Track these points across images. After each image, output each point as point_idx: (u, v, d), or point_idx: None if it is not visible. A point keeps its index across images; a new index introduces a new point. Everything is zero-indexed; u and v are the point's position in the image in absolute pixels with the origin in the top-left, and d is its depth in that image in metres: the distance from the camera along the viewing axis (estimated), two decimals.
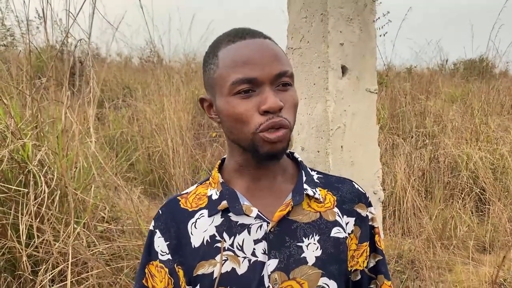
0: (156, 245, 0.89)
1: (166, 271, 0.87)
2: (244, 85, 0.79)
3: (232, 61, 0.80)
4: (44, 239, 2.35)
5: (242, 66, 0.79)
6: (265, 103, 0.78)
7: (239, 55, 0.80)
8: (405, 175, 4.32)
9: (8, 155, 2.38)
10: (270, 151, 0.80)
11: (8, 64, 3.18)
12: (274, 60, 0.80)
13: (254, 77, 0.78)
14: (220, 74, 0.82)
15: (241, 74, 0.79)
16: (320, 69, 1.38)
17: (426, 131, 5.26)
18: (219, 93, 0.83)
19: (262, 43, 0.82)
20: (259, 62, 0.79)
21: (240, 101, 0.80)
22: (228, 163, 0.92)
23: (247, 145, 0.82)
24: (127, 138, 5.13)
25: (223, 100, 0.82)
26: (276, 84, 0.80)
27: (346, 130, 1.41)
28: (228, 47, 0.82)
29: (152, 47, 7.63)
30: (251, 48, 0.81)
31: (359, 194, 0.95)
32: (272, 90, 0.79)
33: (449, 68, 9.75)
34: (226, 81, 0.80)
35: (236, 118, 0.80)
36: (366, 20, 1.44)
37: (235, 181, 0.89)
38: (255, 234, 0.84)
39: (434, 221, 3.94)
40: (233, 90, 0.80)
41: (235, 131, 0.82)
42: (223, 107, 0.82)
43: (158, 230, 0.89)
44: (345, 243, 0.89)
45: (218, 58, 0.83)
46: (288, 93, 0.82)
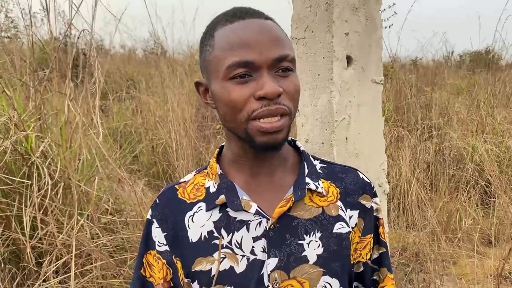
0: (154, 235, 0.87)
1: (164, 262, 0.86)
2: (240, 69, 0.73)
3: (228, 43, 0.75)
4: (48, 231, 2.36)
5: (239, 49, 0.73)
6: (262, 88, 0.72)
7: (236, 37, 0.74)
8: (410, 167, 4.30)
9: (12, 146, 2.38)
10: (267, 142, 0.75)
11: (12, 56, 3.17)
12: (274, 43, 0.75)
13: (251, 60, 0.73)
14: (216, 56, 0.76)
15: (237, 57, 0.73)
16: (324, 59, 1.36)
17: (432, 124, 5.23)
18: (214, 77, 0.78)
19: (262, 24, 0.76)
20: (257, 44, 0.73)
21: (235, 86, 0.74)
22: (226, 153, 0.88)
23: (241, 134, 0.77)
24: (131, 130, 5.13)
25: (218, 85, 0.77)
26: (275, 69, 0.75)
27: (351, 122, 1.39)
28: (225, 27, 0.77)
29: (156, 39, 7.62)
30: (249, 29, 0.75)
31: (363, 185, 0.90)
32: (270, 75, 0.74)
33: (455, 60, 9.68)
34: (222, 65, 0.75)
35: (231, 105, 0.75)
36: (372, 10, 1.41)
37: (233, 172, 0.86)
38: (254, 231, 0.81)
39: (439, 213, 3.92)
40: (228, 75, 0.74)
41: (229, 118, 0.77)
42: (218, 92, 0.77)
43: (155, 220, 0.87)
44: (348, 238, 0.86)
45: (214, 39, 0.78)
46: (288, 79, 0.76)
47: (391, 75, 6.13)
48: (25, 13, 3.26)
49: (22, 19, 3.73)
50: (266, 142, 0.75)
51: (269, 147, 0.77)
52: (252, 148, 0.79)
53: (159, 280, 0.86)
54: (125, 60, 8.07)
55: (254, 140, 0.76)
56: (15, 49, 3.53)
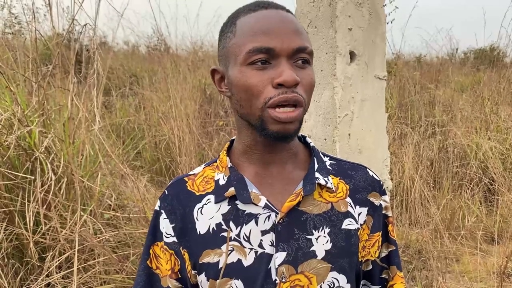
0: (161, 227, 0.87)
1: (172, 253, 0.86)
2: (261, 55, 0.74)
3: (251, 29, 0.76)
4: (51, 226, 2.36)
5: (261, 35, 0.74)
6: (280, 76, 0.73)
7: (259, 24, 0.76)
8: (413, 164, 4.29)
9: (15, 142, 2.38)
10: (280, 132, 0.75)
11: (15, 52, 3.18)
12: (294, 34, 0.76)
13: (272, 47, 0.74)
14: (236, 42, 0.77)
15: (259, 43, 0.74)
16: (327, 55, 1.35)
17: (435, 121, 5.21)
18: (233, 62, 0.78)
19: (284, 15, 0.78)
20: (279, 33, 0.74)
21: (254, 72, 0.75)
22: (237, 145, 0.87)
23: (255, 121, 0.77)
24: (134, 126, 5.13)
25: (237, 69, 0.77)
26: (294, 59, 0.76)
27: (354, 118, 1.38)
28: (248, 15, 0.78)
29: (159, 35, 7.61)
30: (272, 18, 0.76)
31: (373, 182, 0.90)
32: (289, 64, 0.74)
33: (459, 57, 9.64)
34: (242, 50, 0.76)
35: (248, 90, 0.75)
36: (376, 4, 1.40)
37: (243, 165, 0.85)
38: (263, 225, 0.81)
39: (442, 211, 3.91)
40: (248, 59, 0.75)
41: (245, 104, 0.78)
42: (236, 77, 0.77)
43: (163, 211, 0.87)
44: (357, 235, 0.86)
45: (236, 26, 0.79)
46: (305, 71, 0.77)
47: (394, 72, 6.11)
48: (29, 9, 3.26)
49: (25, 15, 3.74)
50: (278, 131, 0.76)
51: (281, 137, 0.77)
52: (263, 136, 0.79)
53: (166, 272, 0.86)
54: (128, 56, 8.07)
55: (267, 127, 0.76)
56: (18, 45, 3.53)
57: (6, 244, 2.33)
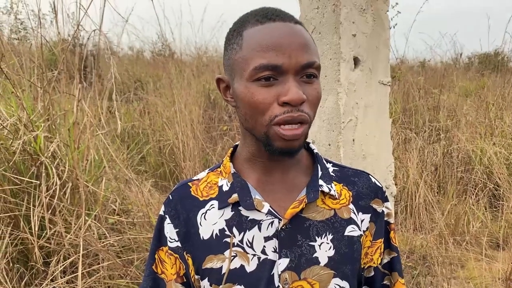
0: (166, 231, 0.87)
1: (176, 257, 0.86)
2: (267, 72, 0.73)
3: (258, 44, 0.74)
4: (55, 231, 2.37)
5: (268, 51, 0.73)
6: (286, 94, 0.72)
7: (266, 39, 0.74)
8: (417, 170, 4.28)
9: (21, 147, 2.40)
10: (284, 148, 0.76)
11: (21, 57, 3.20)
12: (302, 49, 0.74)
13: (279, 64, 0.72)
14: (243, 56, 0.76)
15: (266, 60, 0.73)
16: (331, 60, 1.35)
17: (440, 126, 5.19)
18: (238, 76, 0.77)
19: (292, 28, 0.76)
20: (287, 49, 0.73)
21: (260, 88, 0.74)
22: (241, 152, 0.88)
23: (260, 136, 0.78)
24: (139, 131, 5.15)
25: (242, 85, 0.76)
26: (300, 74, 0.74)
27: (358, 123, 1.38)
28: (255, 27, 0.76)
29: (163, 40, 7.65)
30: (280, 32, 0.74)
31: (375, 189, 0.91)
32: (295, 81, 0.73)
33: (464, 62, 9.62)
34: (248, 65, 0.74)
35: (253, 106, 0.75)
36: (380, 11, 1.41)
37: (246, 171, 0.86)
38: (266, 231, 0.81)
39: (447, 216, 3.89)
40: (254, 76, 0.74)
41: (250, 119, 0.77)
42: (241, 92, 0.77)
43: (168, 216, 0.87)
44: (359, 242, 0.86)
45: (242, 38, 0.77)
46: (312, 86, 0.76)
47: (398, 76, 6.10)
48: (35, 15, 3.29)
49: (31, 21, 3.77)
50: (283, 147, 0.76)
51: (285, 153, 0.78)
52: (268, 152, 0.80)
53: (172, 276, 0.87)
54: (133, 61, 8.10)
55: (272, 144, 0.76)
56: (23, 51, 3.56)
57: (11, 249, 2.34)
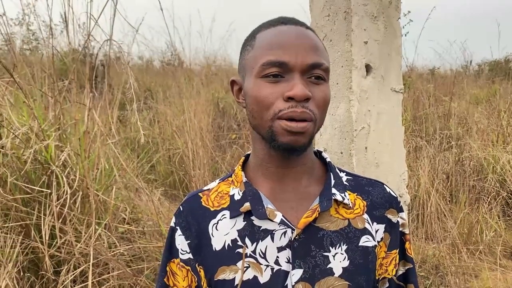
0: (177, 243, 0.86)
1: (188, 269, 0.85)
2: (274, 69, 0.75)
3: (267, 43, 0.78)
4: (66, 240, 2.37)
5: (276, 49, 0.76)
6: (291, 90, 0.74)
7: (276, 38, 0.77)
8: (429, 178, 4.23)
9: (32, 156, 2.41)
10: (289, 143, 0.75)
11: (32, 67, 3.23)
12: (310, 50, 0.76)
13: (286, 61, 0.75)
14: (254, 54, 0.79)
15: (273, 57, 0.75)
16: (343, 68, 1.34)
17: (451, 134, 5.15)
18: (248, 74, 0.80)
19: (302, 31, 0.79)
20: (294, 48, 0.75)
21: (267, 84, 0.76)
22: (252, 159, 0.87)
23: (265, 133, 0.78)
24: (148, 140, 5.16)
25: (251, 82, 0.79)
26: (308, 74, 0.76)
27: (371, 131, 1.37)
28: (268, 30, 0.80)
29: (173, 50, 7.70)
30: (289, 33, 0.78)
31: (390, 199, 0.89)
32: (302, 79, 0.75)
33: (474, 69, 9.56)
34: (257, 62, 0.77)
35: (259, 101, 0.77)
36: (391, 18, 1.40)
37: (258, 180, 0.85)
38: (279, 241, 0.80)
39: (459, 225, 3.84)
40: (262, 72, 0.76)
41: (256, 115, 0.78)
42: (250, 89, 0.79)
43: (179, 228, 0.86)
44: (374, 252, 0.84)
45: (255, 40, 0.81)
46: (319, 88, 0.77)
47: (408, 84, 6.07)
48: (46, 25, 3.33)
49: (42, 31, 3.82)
50: (288, 142, 0.75)
51: (290, 149, 0.77)
52: (273, 148, 0.79)
53: None
54: (143, 71, 8.16)
55: (277, 139, 0.76)
56: (35, 61, 3.60)
57: (22, 258, 2.34)
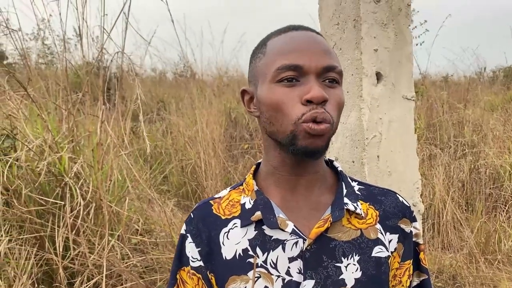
0: (187, 251, 0.85)
1: (199, 277, 0.84)
2: (289, 72, 0.75)
3: (280, 48, 0.77)
4: (79, 251, 2.38)
5: (290, 53, 0.75)
6: (309, 92, 0.73)
7: (289, 43, 0.77)
8: (444, 186, 4.17)
9: (46, 168, 2.44)
10: (308, 146, 0.74)
11: (47, 81, 3.28)
12: (324, 53, 0.76)
13: (300, 64, 0.74)
14: (266, 61, 0.79)
15: (288, 60, 0.75)
16: (353, 76, 1.34)
17: (465, 141, 5.08)
18: (261, 81, 0.79)
19: (314, 36, 0.79)
20: (308, 51, 0.75)
21: (282, 89, 0.75)
22: (263, 167, 0.86)
23: (285, 138, 0.76)
24: (161, 151, 5.19)
25: (265, 87, 0.78)
26: (322, 77, 0.76)
27: (382, 139, 1.35)
28: (279, 36, 0.80)
29: (185, 62, 7.77)
30: (302, 37, 0.78)
31: (403, 208, 0.88)
32: (317, 82, 0.75)
33: (488, 76, 9.45)
34: (271, 67, 0.76)
35: (277, 107, 0.75)
36: (401, 25, 1.39)
37: (269, 189, 0.84)
38: (290, 252, 0.78)
39: (476, 234, 3.77)
40: (277, 77, 0.75)
41: (274, 121, 0.77)
42: (264, 95, 0.78)
43: (189, 235, 0.86)
44: (387, 263, 0.82)
45: (266, 47, 0.80)
46: (334, 90, 0.77)
47: (421, 92, 6.02)
48: (60, 39, 3.39)
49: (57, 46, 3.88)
50: (307, 146, 0.74)
51: (309, 152, 0.76)
52: (292, 153, 0.78)
53: None
54: (155, 83, 8.24)
55: (297, 143, 0.75)
56: (49, 74, 3.65)
57: (36, 269, 2.36)
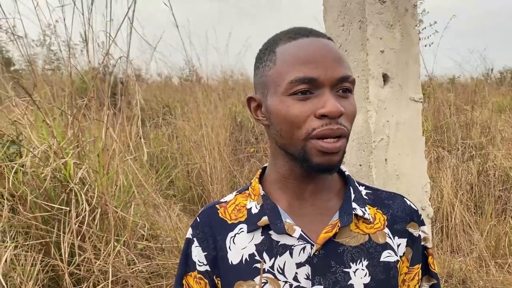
0: (194, 255, 0.84)
1: (206, 282, 0.83)
2: (303, 85, 0.72)
3: (293, 58, 0.73)
4: (85, 257, 2.37)
5: (304, 65, 0.72)
6: (324, 107, 0.71)
7: (302, 53, 0.73)
8: (452, 189, 4.13)
9: (51, 174, 2.43)
10: (324, 163, 0.73)
11: (53, 86, 3.29)
12: (338, 63, 0.73)
13: (315, 77, 0.71)
14: (277, 71, 0.75)
15: (302, 73, 0.72)
16: (359, 78, 1.32)
17: (473, 143, 5.03)
18: (272, 92, 0.76)
19: (326, 43, 0.76)
20: (322, 62, 0.72)
21: (296, 102, 0.72)
22: (270, 173, 0.85)
23: (297, 152, 0.75)
24: (167, 155, 5.19)
25: (277, 100, 0.75)
26: (336, 88, 0.74)
27: (390, 142, 1.33)
28: (289, 43, 0.76)
29: (190, 66, 7.78)
30: (314, 46, 0.74)
31: (411, 212, 0.86)
32: (332, 94, 0.72)
33: (495, 77, 9.38)
34: (284, 79, 0.73)
35: (289, 121, 0.73)
36: (408, 26, 1.37)
37: (276, 194, 0.83)
38: (298, 257, 0.77)
39: (486, 237, 3.72)
40: (290, 90, 0.73)
41: (286, 135, 0.75)
42: (276, 107, 0.75)
43: (196, 239, 0.85)
44: (396, 268, 0.81)
45: (275, 54, 0.76)
46: (348, 101, 0.75)
47: (428, 94, 5.98)
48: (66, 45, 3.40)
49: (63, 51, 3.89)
50: (322, 163, 0.73)
51: (325, 169, 0.74)
52: (305, 168, 0.76)
53: None
54: (161, 87, 8.26)
55: (311, 159, 0.73)
56: (54, 80, 3.66)
57: (42, 276, 2.35)
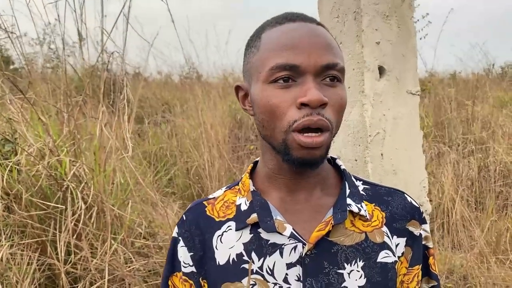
0: (179, 255, 0.81)
1: (191, 284, 0.80)
2: (284, 72, 0.68)
3: (275, 44, 0.70)
4: (81, 256, 2.35)
5: (285, 50, 0.68)
6: (305, 95, 0.67)
7: (284, 38, 0.70)
8: (452, 185, 4.10)
9: (46, 172, 2.41)
10: (305, 158, 0.69)
11: (49, 84, 3.26)
12: (324, 49, 0.69)
13: (297, 64, 0.67)
14: (260, 57, 0.72)
15: (283, 59, 0.68)
16: (354, 71, 1.28)
17: (474, 138, 4.99)
18: (255, 79, 0.73)
19: (314, 28, 0.71)
20: (306, 48, 0.68)
21: (277, 90, 0.69)
22: (261, 168, 0.81)
23: (278, 145, 0.71)
24: (166, 153, 5.17)
25: (259, 88, 0.71)
26: (322, 76, 0.69)
27: (386, 136, 1.30)
28: (274, 28, 0.72)
29: (190, 64, 7.76)
30: (299, 31, 0.70)
31: (412, 209, 0.82)
32: (315, 82, 0.68)
33: (497, 72, 9.32)
34: (265, 66, 0.70)
35: (270, 110, 0.69)
36: (405, 17, 1.34)
37: (267, 190, 0.79)
38: (288, 257, 0.73)
39: (487, 233, 3.69)
40: (270, 77, 0.69)
41: (267, 126, 0.71)
42: (257, 96, 0.72)
43: (181, 238, 0.81)
44: (394, 269, 0.77)
45: (260, 40, 0.73)
46: (335, 90, 0.70)
47: (429, 89, 5.95)
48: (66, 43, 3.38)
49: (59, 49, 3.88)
50: (303, 157, 0.69)
51: (306, 163, 0.71)
52: (287, 162, 0.73)
53: None
54: (161, 85, 8.24)
55: (291, 153, 0.70)
56: (52, 78, 3.64)
57: (38, 275, 2.33)
